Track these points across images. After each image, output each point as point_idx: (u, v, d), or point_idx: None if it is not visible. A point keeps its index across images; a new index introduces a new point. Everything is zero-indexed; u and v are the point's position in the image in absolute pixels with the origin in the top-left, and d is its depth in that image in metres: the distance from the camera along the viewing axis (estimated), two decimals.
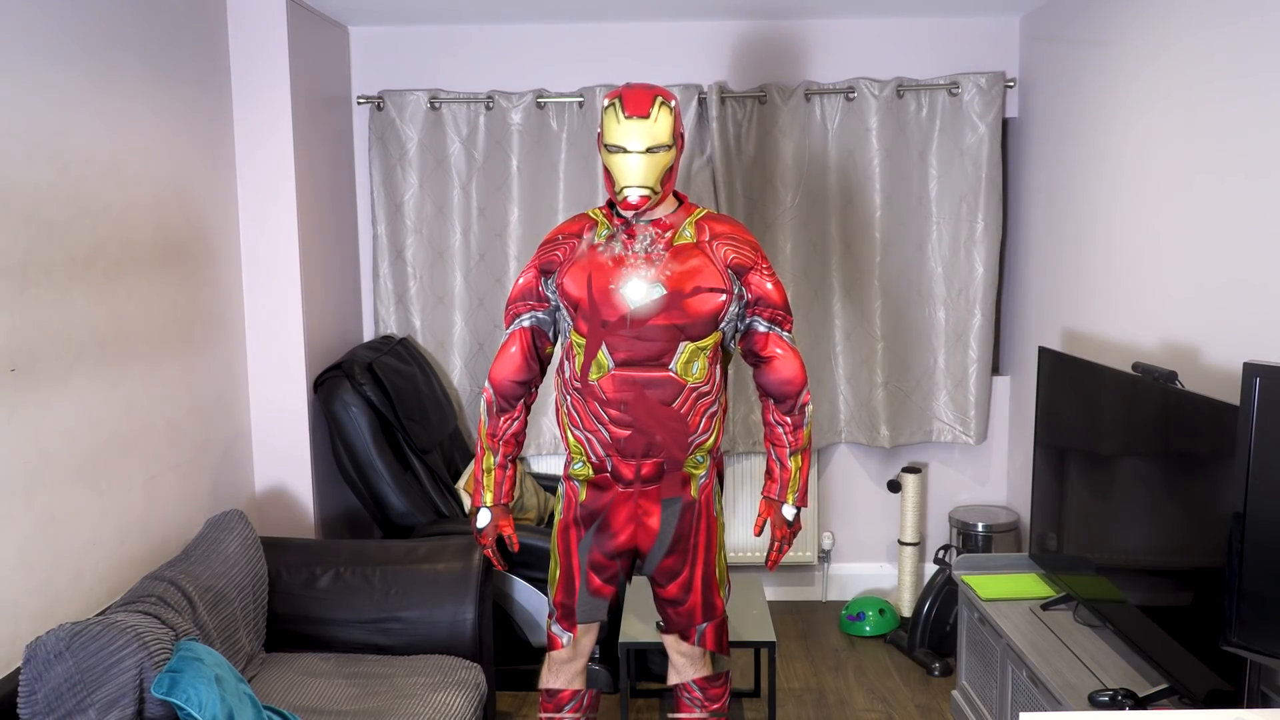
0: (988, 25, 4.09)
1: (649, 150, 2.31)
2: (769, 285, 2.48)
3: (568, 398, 2.51)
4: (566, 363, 2.53)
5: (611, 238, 2.44)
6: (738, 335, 2.54)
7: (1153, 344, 2.98)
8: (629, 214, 2.40)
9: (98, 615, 2.32)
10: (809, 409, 2.58)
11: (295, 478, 3.61)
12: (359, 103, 4.13)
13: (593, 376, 2.43)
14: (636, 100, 2.32)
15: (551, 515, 4.03)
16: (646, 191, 2.34)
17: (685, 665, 2.68)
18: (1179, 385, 2.55)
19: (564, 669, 2.67)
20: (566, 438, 2.55)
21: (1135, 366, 2.70)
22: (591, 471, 2.52)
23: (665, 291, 2.37)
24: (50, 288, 2.44)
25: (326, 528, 3.77)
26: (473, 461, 3.91)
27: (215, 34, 3.35)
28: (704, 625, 2.61)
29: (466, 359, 4.20)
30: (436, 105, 4.05)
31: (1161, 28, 2.93)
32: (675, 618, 2.62)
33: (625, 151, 2.32)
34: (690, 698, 2.69)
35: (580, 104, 4.04)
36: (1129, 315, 3.14)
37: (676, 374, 2.40)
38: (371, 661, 2.84)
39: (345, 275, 4.08)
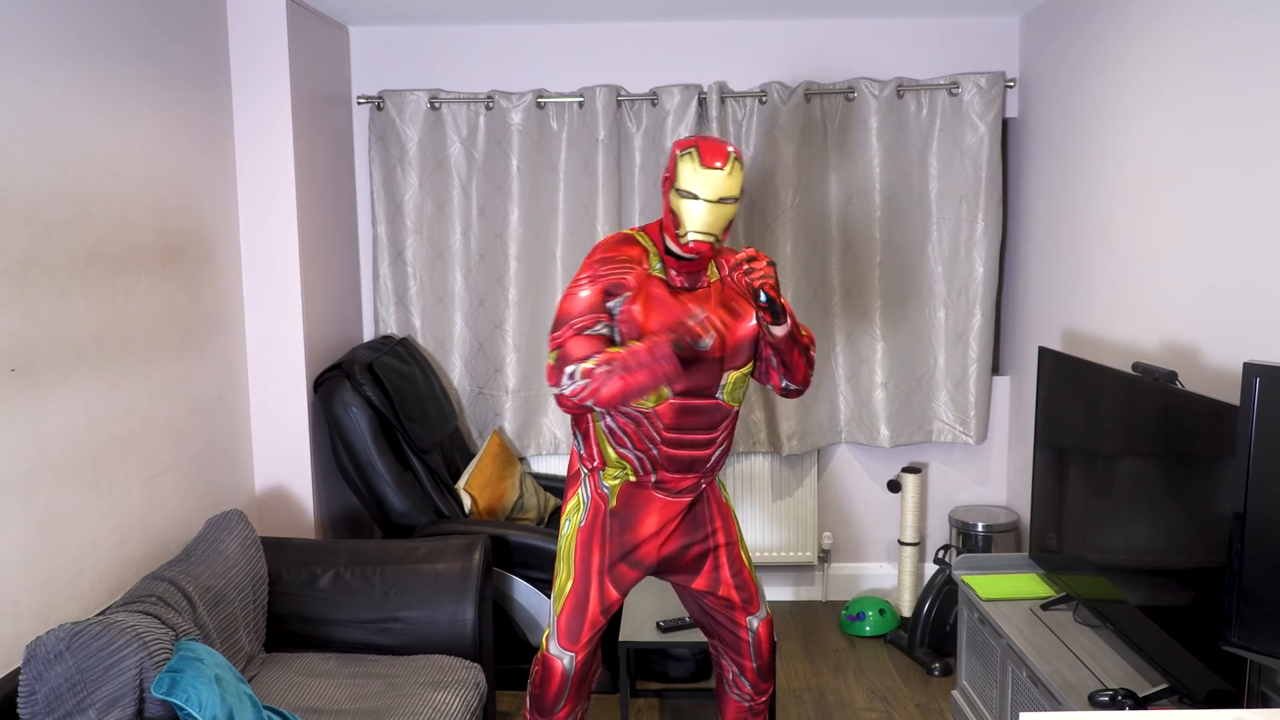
0: (988, 25, 4.09)
1: (720, 200, 2.40)
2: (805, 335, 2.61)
3: (610, 418, 2.53)
4: None
5: (664, 271, 2.53)
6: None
7: (1153, 344, 2.98)
8: (689, 256, 2.48)
9: (98, 615, 2.32)
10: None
11: (295, 478, 3.61)
12: (359, 103, 4.13)
13: (649, 404, 2.50)
14: (714, 151, 2.41)
15: (552, 515, 4.05)
16: (710, 239, 2.44)
17: (743, 672, 2.74)
18: (1179, 385, 2.55)
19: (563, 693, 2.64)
20: (605, 453, 2.57)
21: (1135, 366, 2.70)
22: (633, 476, 2.58)
23: (717, 330, 2.44)
24: (50, 288, 2.44)
25: (326, 528, 3.77)
26: (476, 459, 3.91)
27: (215, 34, 3.35)
28: (754, 622, 2.67)
29: (466, 359, 4.20)
30: (436, 105, 4.05)
31: (1161, 27, 2.93)
32: (716, 613, 2.67)
33: (697, 199, 2.40)
34: (740, 694, 2.75)
35: (580, 104, 4.04)
36: (1129, 315, 3.14)
37: (724, 401, 2.55)
38: (371, 661, 2.84)
39: (345, 275, 4.08)
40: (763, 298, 2.38)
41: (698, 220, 2.41)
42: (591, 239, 4.10)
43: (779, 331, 2.48)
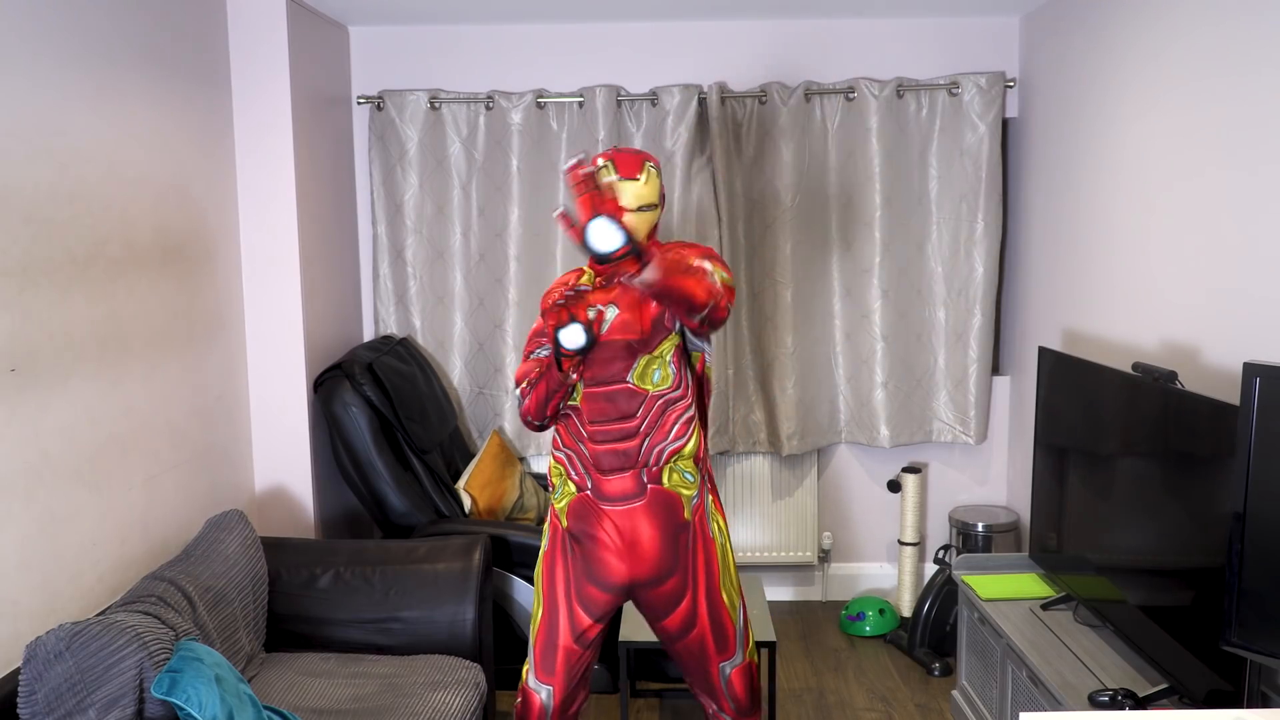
0: (988, 25, 4.09)
1: (639, 209, 2.46)
2: (694, 260, 2.37)
3: (558, 424, 2.61)
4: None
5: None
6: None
7: (1153, 344, 2.98)
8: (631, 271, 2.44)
9: (98, 615, 2.32)
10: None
11: (295, 478, 3.61)
12: (359, 103, 4.13)
13: (574, 399, 2.56)
14: (628, 163, 2.47)
15: None
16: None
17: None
18: (1179, 385, 2.55)
19: None
20: (551, 466, 2.62)
21: (1135, 366, 2.70)
22: (574, 489, 2.55)
23: (618, 310, 2.50)
24: (50, 288, 2.44)
25: (326, 528, 3.77)
26: (475, 459, 3.91)
27: (215, 34, 3.35)
28: (727, 669, 2.59)
29: (466, 359, 4.20)
30: (436, 105, 4.05)
31: (1161, 28, 2.93)
32: (687, 657, 2.59)
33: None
34: None
35: (580, 104, 4.04)
36: (1129, 315, 3.14)
37: (635, 385, 2.51)
38: (371, 661, 2.84)
39: (345, 275, 4.08)
40: (614, 242, 2.10)
41: None
42: None
43: (650, 276, 2.18)
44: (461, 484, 3.78)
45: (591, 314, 2.40)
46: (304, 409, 3.59)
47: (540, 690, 2.54)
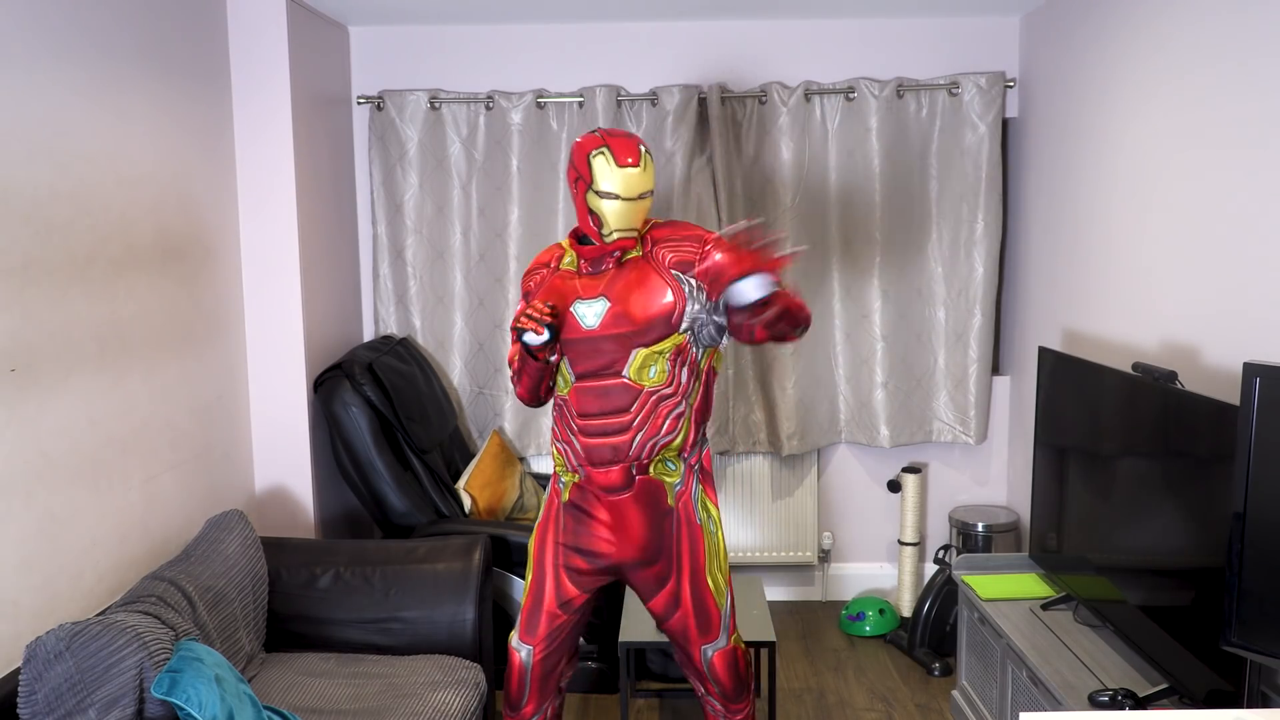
0: (988, 25, 4.09)
1: (639, 197, 2.47)
2: (719, 255, 2.44)
3: (554, 414, 2.66)
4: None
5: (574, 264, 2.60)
6: (713, 327, 2.53)
7: (1153, 344, 2.98)
8: (616, 253, 2.53)
9: (98, 615, 2.32)
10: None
11: (295, 478, 3.61)
12: (359, 103, 4.13)
13: (562, 391, 2.58)
14: (626, 149, 2.45)
15: None
16: (633, 234, 2.51)
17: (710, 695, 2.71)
18: (1179, 385, 2.55)
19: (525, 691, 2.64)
20: (553, 452, 2.66)
21: (1135, 366, 2.70)
22: (574, 477, 2.61)
23: (609, 304, 2.49)
24: (50, 288, 2.44)
25: (326, 528, 3.77)
26: (475, 459, 3.91)
27: (215, 34, 3.35)
28: (709, 652, 2.61)
29: (466, 359, 4.20)
30: (436, 105, 4.05)
31: (1161, 27, 2.93)
32: (673, 637, 2.64)
33: (617, 198, 2.45)
34: (713, 709, 2.72)
35: (580, 104, 4.04)
36: (1129, 315, 3.14)
37: (631, 380, 2.49)
38: (371, 661, 2.84)
39: (345, 275, 4.08)
40: (763, 292, 2.32)
41: (619, 218, 2.47)
42: None
43: (771, 314, 2.37)
44: (461, 484, 3.78)
45: (546, 308, 2.45)
46: (304, 409, 3.59)
47: (521, 649, 2.61)
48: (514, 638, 2.63)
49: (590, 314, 2.50)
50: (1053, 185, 3.73)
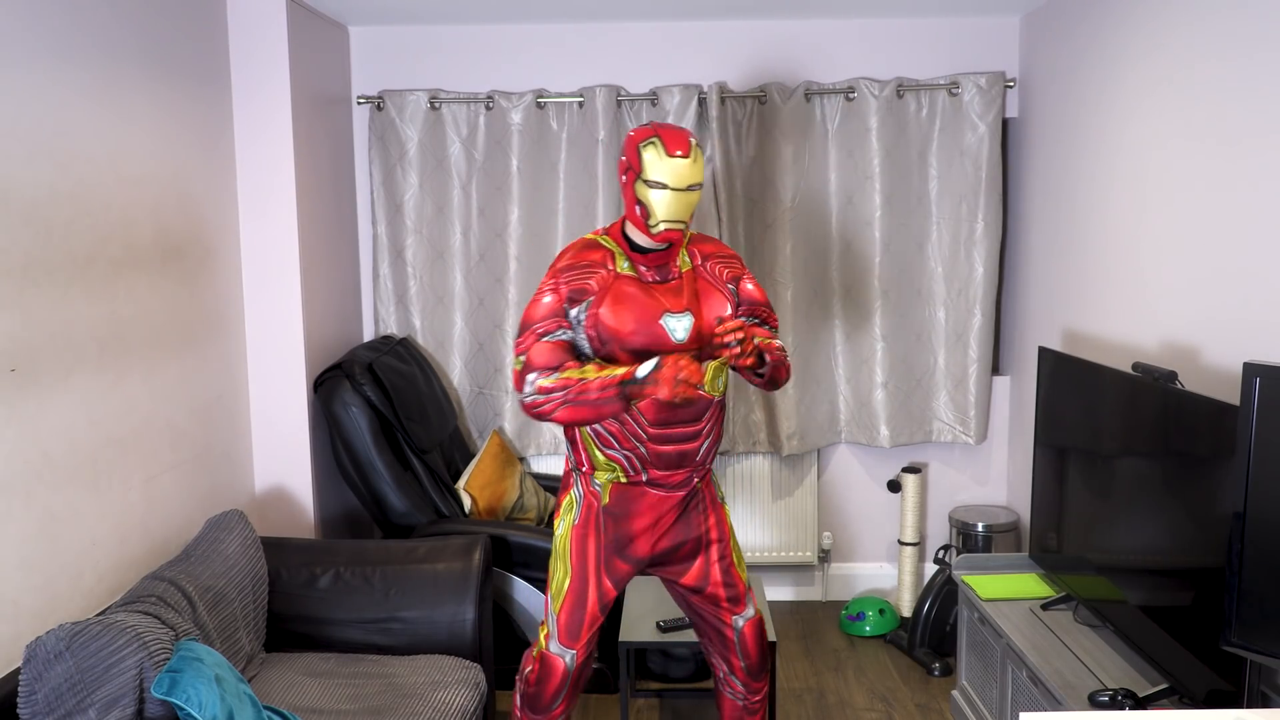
0: (988, 25, 4.09)
1: (688, 188, 2.44)
2: (751, 286, 2.65)
3: (605, 423, 2.53)
4: None
5: (633, 269, 2.55)
6: None
7: (1153, 344, 2.98)
8: (659, 247, 2.52)
9: (98, 615, 2.32)
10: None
11: (295, 478, 3.61)
12: (359, 103, 4.13)
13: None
14: (676, 139, 2.44)
15: (552, 515, 4.04)
16: (682, 226, 2.48)
17: (734, 671, 2.73)
18: (1179, 385, 2.55)
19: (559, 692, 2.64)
20: (593, 456, 2.58)
21: (1135, 366, 2.70)
22: (624, 477, 2.57)
23: (693, 318, 2.51)
24: (50, 288, 2.44)
25: (326, 528, 3.77)
26: (475, 459, 3.91)
27: (215, 34, 3.35)
28: (739, 622, 2.66)
29: (466, 359, 4.20)
30: (436, 105, 4.05)
31: (1161, 27, 2.93)
32: (702, 612, 2.67)
33: (665, 188, 2.43)
34: (734, 692, 2.75)
35: (580, 104, 4.04)
36: (1129, 315, 3.14)
37: (705, 391, 2.53)
38: (371, 661, 2.84)
39: (345, 275, 4.08)
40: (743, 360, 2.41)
41: (668, 209, 2.44)
42: None
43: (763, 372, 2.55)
44: (461, 484, 3.78)
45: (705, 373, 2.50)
46: (304, 409, 3.59)
47: (564, 655, 2.59)
48: (552, 645, 2.58)
49: (680, 328, 2.50)
50: (1052, 185, 3.73)
